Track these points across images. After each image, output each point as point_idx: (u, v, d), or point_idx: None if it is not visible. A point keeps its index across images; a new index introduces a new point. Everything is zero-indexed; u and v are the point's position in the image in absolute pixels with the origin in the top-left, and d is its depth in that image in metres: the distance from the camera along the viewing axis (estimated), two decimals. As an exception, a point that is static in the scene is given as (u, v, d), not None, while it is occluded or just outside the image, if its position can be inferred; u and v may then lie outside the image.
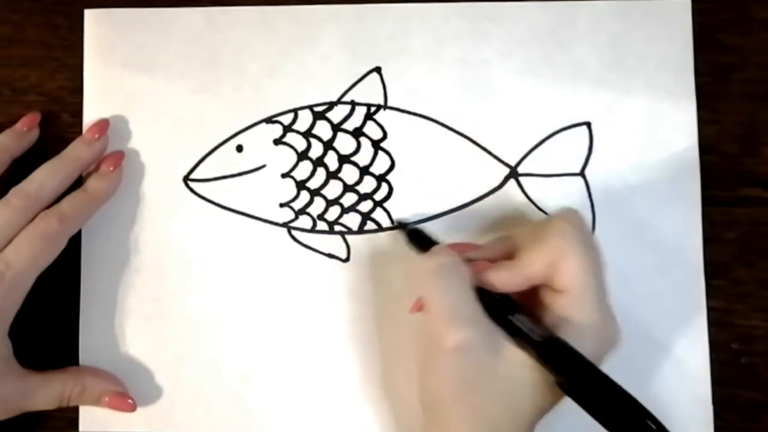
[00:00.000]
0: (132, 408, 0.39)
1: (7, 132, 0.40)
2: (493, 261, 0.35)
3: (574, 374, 0.31)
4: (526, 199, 0.40)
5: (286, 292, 0.40)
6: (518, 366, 0.32)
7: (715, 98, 0.40)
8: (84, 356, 0.40)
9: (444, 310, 0.33)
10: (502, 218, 0.40)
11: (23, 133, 0.40)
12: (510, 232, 0.36)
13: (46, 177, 0.38)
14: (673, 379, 0.39)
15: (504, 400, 0.31)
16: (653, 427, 0.29)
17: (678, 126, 0.40)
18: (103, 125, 0.40)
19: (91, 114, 0.41)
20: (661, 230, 0.40)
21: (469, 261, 0.35)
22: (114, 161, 0.40)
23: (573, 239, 0.33)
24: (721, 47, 0.41)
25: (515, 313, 0.33)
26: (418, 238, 0.38)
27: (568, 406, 0.31)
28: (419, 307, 0.36)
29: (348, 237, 0.41)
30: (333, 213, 0.41)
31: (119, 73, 0.41)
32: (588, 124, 0.40)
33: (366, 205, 0.41)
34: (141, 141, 0.41)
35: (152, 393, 0.40)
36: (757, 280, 0.40)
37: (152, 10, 0.42)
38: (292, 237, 0.41)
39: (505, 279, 0.34)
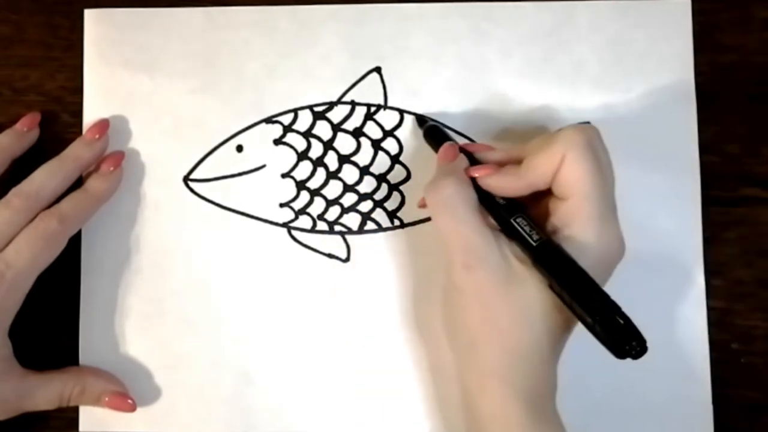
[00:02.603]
0: (132, 408, 0.39)
1: (7, 132, 0.40)
2: (503, 165, 0.35)
3: (560, 276, 0.31)
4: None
5: (286, 292, 0.40)
6: (529, 284, 0.32)
7: (715, 98, 0.40)
8: (84, 356, 0.40)
9: (452, 236, 0.34)
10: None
11: (23, 133, 0.40)
12: (525, 143, 0.36)
13: (46, 177, 0.38)
14: (673, 379, 0.39)
15: (524, 324, 0.32)
16: (620, 322, 0.29)
17: (678, 126, 0.40)
18: (103, 125, 0.40)
19: (91, 114, 0.41)
20: (661, 230, 0.40)
21: (472, 168, 0.35)
22: (114, 161, 0.40)
23: (579, 146, 0.33)
24: (721, 47, 0.41)
25: (517, 216, 0.34)
26: (435, 135, 0.39)
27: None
28: (422, 204, 0.39)
29: (348, 237, 0.41)
30: (333, 213, 0.41)
31: (119, 73, 0.41)
32: (588, 124, 0.40)
33: (366, 205, 0.41)
34: (141, 141, 0.41)
35: (152, 393, 0.40)
36: (757, 280, 0.40)
37: (152, 10, 0.42)
38: (292, 237, 0.41)
39: (509, 183, 0.34)
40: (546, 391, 0.33)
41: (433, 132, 0.39)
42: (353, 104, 0.41)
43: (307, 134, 0.41)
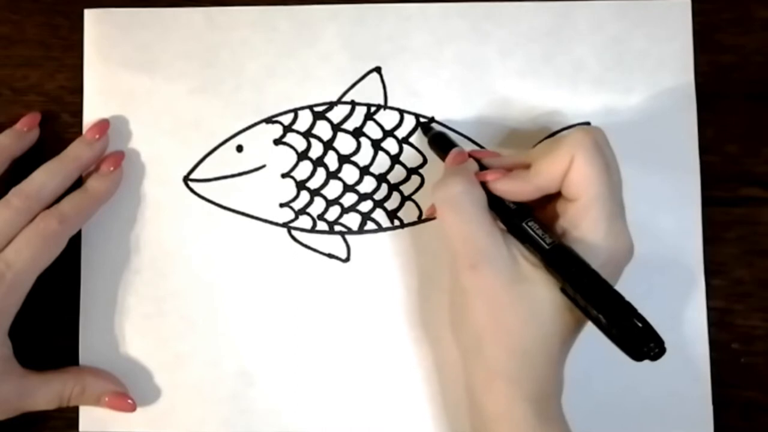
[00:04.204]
0: (132, 408, 0.39)
1: (7, 132, 0.40)
2: (511, 170, 0.35)
3: (574, 279, 0.31)
4: (526, 199, 0.40)
5: (286, 292, 0.40)
6: (538, 285, 0.32)
7: (715, 98, 0.40)
8: (84, 356, 0.40)
9: (458, 234, 0.34)
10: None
11: (23, 133, 0.40)
12: (531, 148, 0.37)
13: (46, 177, 0.38)
14: (673, 379, 0.39)
15: (531, 325, 0.32)
16: (639, 325, 0.29)
17: (678, 126, 0.40)
18: (103, 125, 0.40)
19: (91, 114, 0.41)
20: (661, 230, 0.40)
21: (481, 172, 0.35)
22: (114, 161, 0.40)
23: (587, 147, 0.33)
24: (721, 47, 0.41)
25: (527, 221, 0.34)
26: (441, 142, 0.39)
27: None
28: (431, 212, 0.39)
29: (348, 237, 0.41)
30: (333, 213, 0.41)
31: (119, 73, 0.41)
32: (588, 124, 0.40)
33: (366, 205, 0.41)
34: (141, 141, 0.41)
35: (152, 393, 0.40)
36: (757, 280, 0.40)
37: (152, 10, 0.42)
38: (292, 237, 0.41)
39: (518, 187, 0.34)
40: (552, 391, 0.33)
41: (439, 139, 0.39)
42: (353, 104, 0.41)
43: (307, 134, 0.41)
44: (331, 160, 0.41)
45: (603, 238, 0.33)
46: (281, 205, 0.41)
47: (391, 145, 0.41)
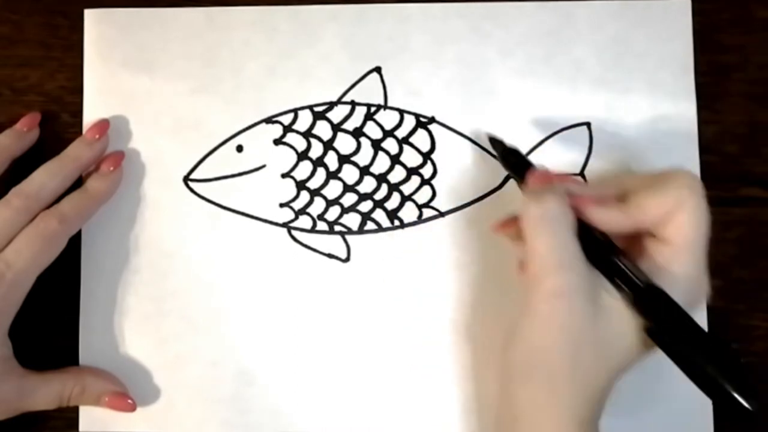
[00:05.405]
0: (132, 408, 0.39)
1: (7, 132, 0.40)
2: (599, 200, 0.34)
3: (672, 325, 0.30)
4: (526, 199, 0.40)
5: (286, 292, 0.40)
6: (614, 319, 0.32)
7: (715, 98, 0.40)
8: (84, 356, 0.40)
9: (547, 257, 0.32)
10: (502, 218, 0.40)
11: (23, 133, 0.40)
12: (619, 177, 0.35)
13: (46, 177, 0.38)
14: (673, 379, 0.39)
15: (604, 361, 0.32)
16: (753, 385, 0.28)
17: (678, 126, 0.40)
18: (103, 125, 0.40)
19: (91, 114, 0.41)
20: (661, 230, 0.39)
21: (573, 195, 0.34)
22: (114, 161, 0.40)
23: (698, 192, 0.33)
24: (721, 47, 0.41)
25: (618, 256, 0.33)
26: (515, 159, 0.37)
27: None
28: (506, 226, 0.36)
29: (348, 237, 0.41)
30: (333, 213, 0.41)
31: (119, 73, 0.41)
32: (588, 124, 0.40)
33: (366, 205, 0.41)
34: (141, 141, 0.41)
35: (152, 393, 0.40)
36: (757, 280, 0.40)
37: (152, 10, 0.42)
38: (292, 237, 0.41)
39: (614, 219, 0.33)
40: (599, 413, 0.33)
41: (515, 156, 0.37)
42: (353, 104, 0.41)
43: (307, 134, 0.41)
44: (331, 160, 0.41)
45: (690, 284, 0.32)
46: (281, 205, 0.41)
47: (391, 145, 0.41)
